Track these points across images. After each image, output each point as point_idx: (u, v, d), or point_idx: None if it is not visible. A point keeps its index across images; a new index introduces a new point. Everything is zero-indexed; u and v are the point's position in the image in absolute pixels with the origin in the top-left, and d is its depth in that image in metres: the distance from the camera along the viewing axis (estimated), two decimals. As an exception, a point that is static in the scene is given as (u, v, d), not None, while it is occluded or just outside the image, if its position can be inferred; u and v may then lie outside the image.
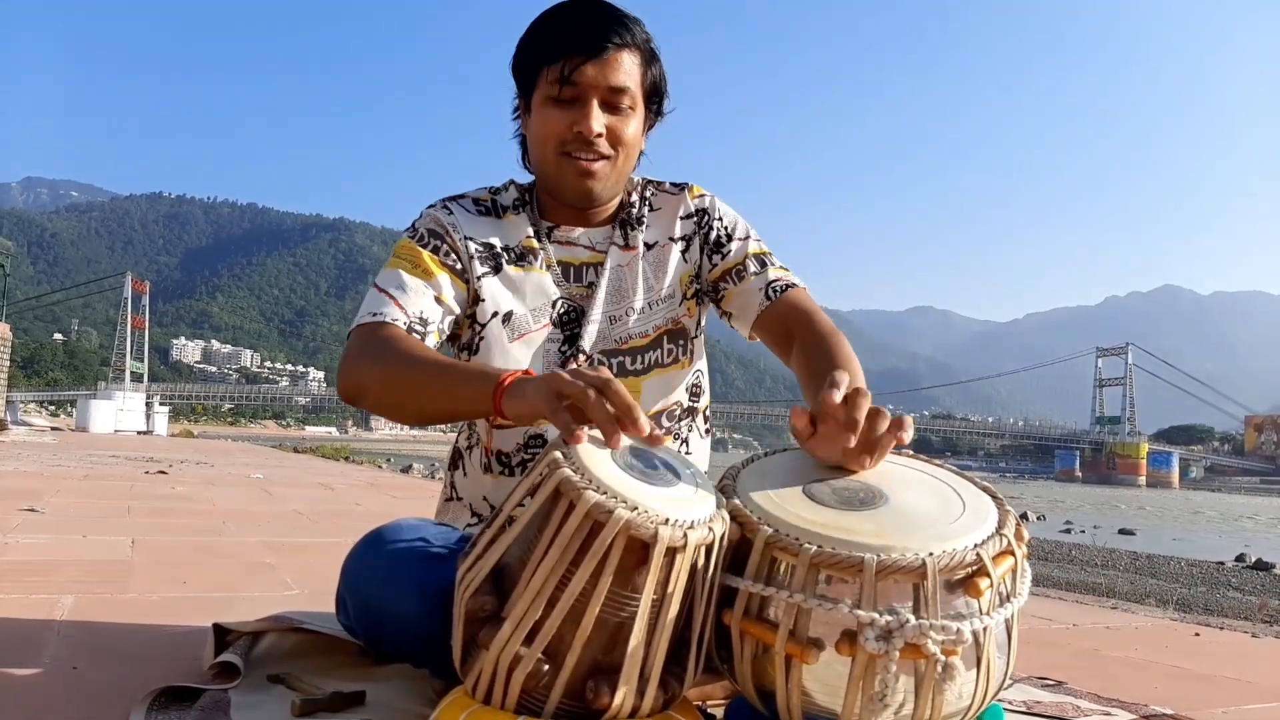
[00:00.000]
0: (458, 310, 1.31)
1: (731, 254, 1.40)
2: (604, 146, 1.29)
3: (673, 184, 1.44)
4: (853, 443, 0.98)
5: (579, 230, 1.38)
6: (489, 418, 1.28)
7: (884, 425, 0.99)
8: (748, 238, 1.42)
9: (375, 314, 1.24)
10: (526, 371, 1.05)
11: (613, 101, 1.28)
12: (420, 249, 1.30)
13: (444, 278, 1.29)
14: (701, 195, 1.43)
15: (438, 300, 1.28)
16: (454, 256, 1.31)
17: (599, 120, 1.27)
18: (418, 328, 1.24)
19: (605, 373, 0.97)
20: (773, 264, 1.40)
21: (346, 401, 1.22)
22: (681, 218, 1.41)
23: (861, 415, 0.98)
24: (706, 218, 1.42)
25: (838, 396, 0.99)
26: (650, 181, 1.44)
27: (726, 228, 1.42)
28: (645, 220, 1.40)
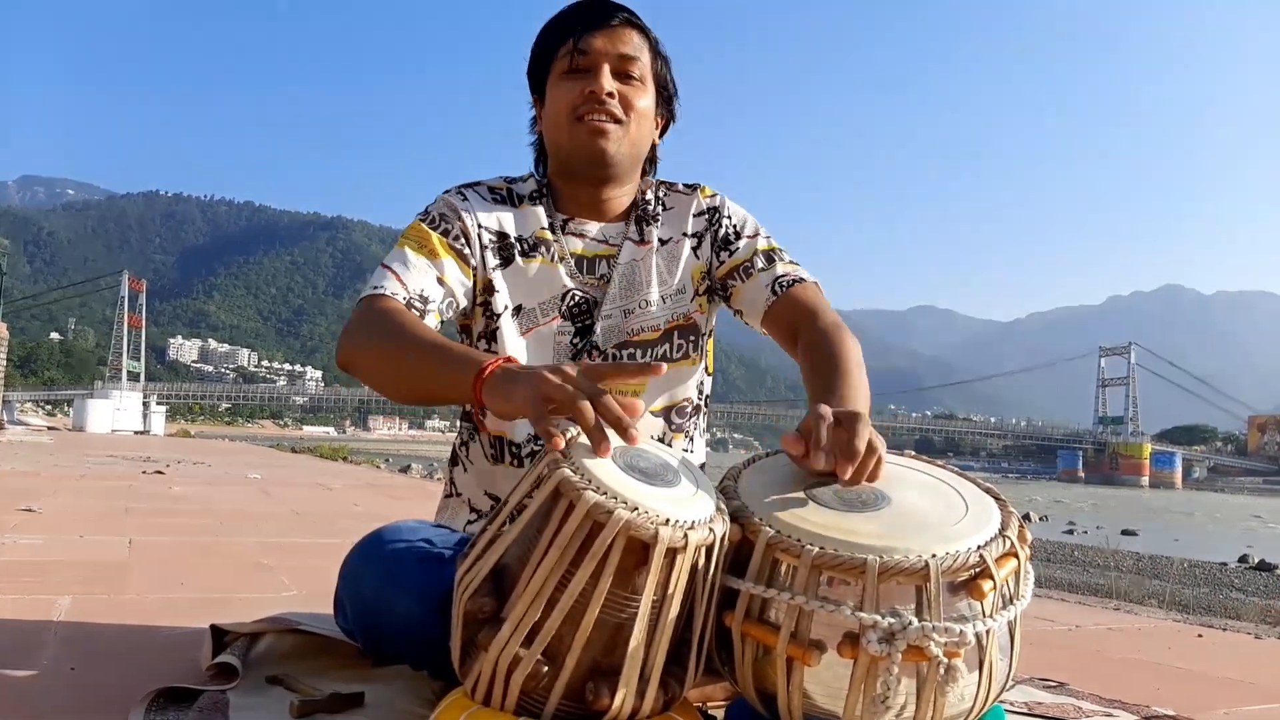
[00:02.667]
0: (459, 295, 1.30)
1: (740, 250, 1.41)
2: (615, 108, 1.31)
3: (685, 185, 1.47)
4: (849, 474, 0.97)
5: (593, 224, 1.39)
6: (472, 407, 1.28)
7: (871, 463, 0.98)
8: (756, 235, 1.43)
9: (376, 287, 1.25)
10: (509, 359, 1.05)
11: (623, 70, 1.32)
12: (430, 231, 1.31)
13: (449, 261, 1.29)
14: (713, 195, 1.45)
15: (440, 281, 1.28)
16: (463, 241, 1.32)
17: (609, 81, 1.30)
18: (417, 304, 1.24)
19: (596, 376, 0.96)
20: (781, 259, 1.41)
21: (341, 369, 1.22)
22: (694, 215, 1.43)
23: (861, 445, 0.97)
24: (717, 215, 1.43)
25: (827, 431, 0.97)
26: (663, 182, 1.46)
27: (735, 226, 1.43)
28: (660, 218, 1.42)
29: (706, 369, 1.44)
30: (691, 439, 1.41)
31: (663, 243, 1.40)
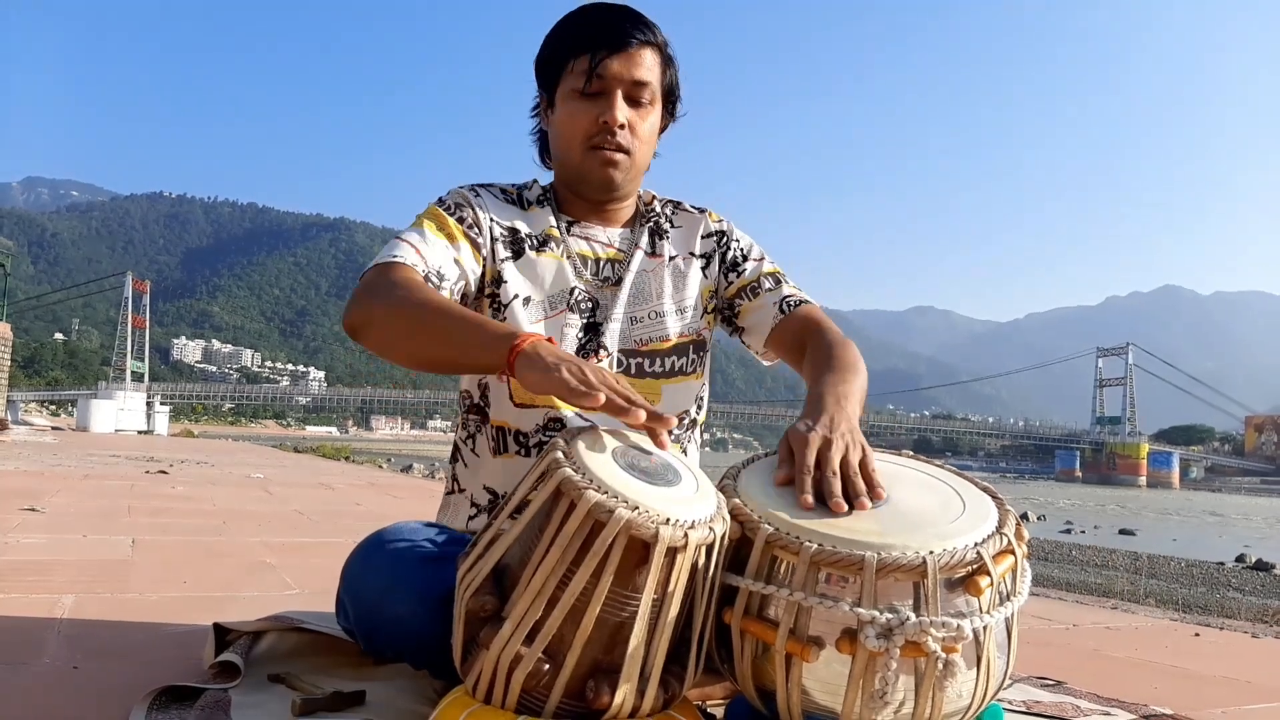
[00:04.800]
0: (471, 281, 1.32)
1: (747, 272, 1.46)
2: (626, 138, 1.32)
3: (693, 205, 1.50)
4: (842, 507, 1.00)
5: (598, 227, 1.41)
6: (500, 375, 1.30)
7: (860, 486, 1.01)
8: (762, 259, 1.48)
9: (393, 255, 1.24)
10: (548, 337, 1.07)
11: (635, 95, 1.32)
12: (446, 215, 1.32)
13: (464, 245, 1.31)
14: (720, 220, 1.49)
15: (456, 262, 1.29)
16: (477, 230, 1.34)
17: (623, 111, 1.31)
18: (434, 279, 1.25)
19: (628, 387, 1.02)
20: (786, 282, 1.46)
21: (349, 335, 1.20)
22: (702, 236, 1.47)
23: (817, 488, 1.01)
24: (725, 239, 1.48)
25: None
26: (672, 201, 1.49)
27: (743, 249, 1.48)
28: (669, 235, 1.45)
29: (705, 384, 1.47)
30: (685, 451, 1.42)
31: (671, 259, 1.44)
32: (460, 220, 1.32)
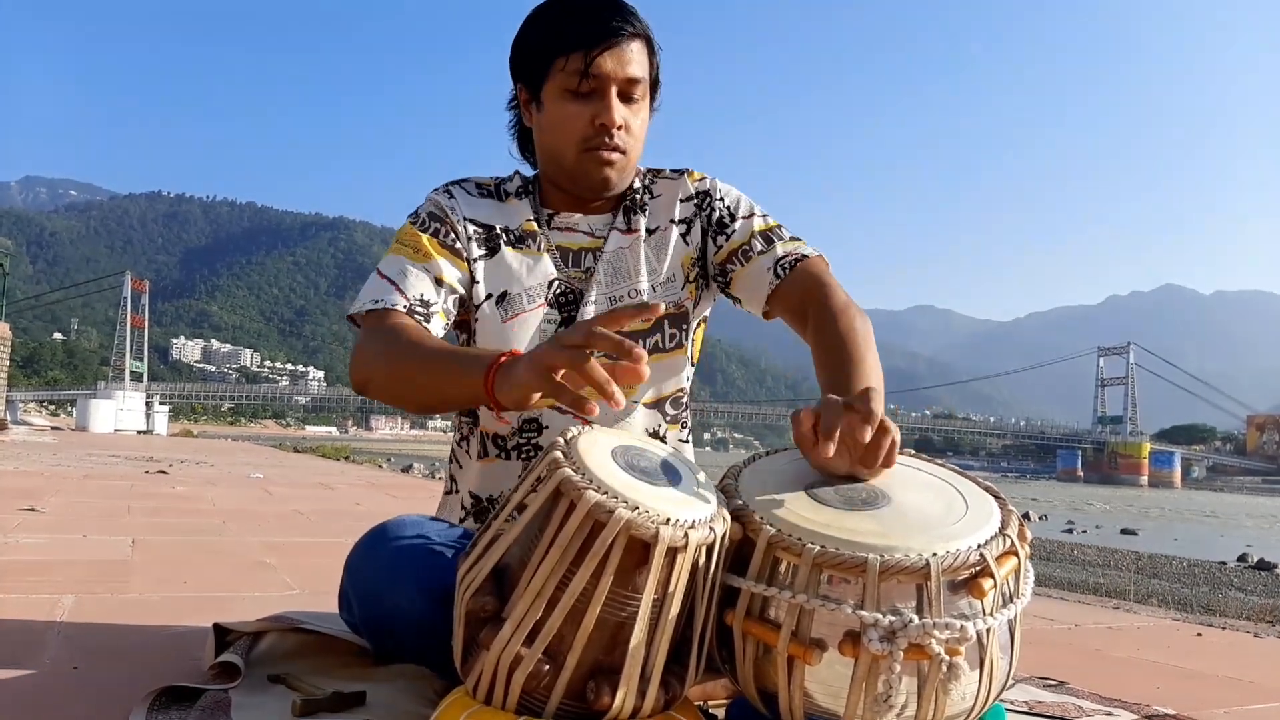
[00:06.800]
0: (459, 289, 1.32)
1: (736, 233, 1.38)
2: (622, 137, 1.30)
3: (673, 170, 1.44)
4: (861, 460, 0.97)
5: (579, 217, 1.39)
6: (489, 407, 1.29)
7: (886, 443, 0.97)
8: (752, 215, 1.40)
9: (378, 301, 1.26)
10: (514, 352, 1.04)
11: (628, 92, 1.29)
12: (420, 233, 1.32)
13: (442, 260, 1.30)
14: (702, 179, 1.42)
15: (437, 281, 1.29)
16: (453, 237, 1.33)
17: (619, 111, 1.28)
18: (419, 309, 1.26)
19: (587, 331, 0.92)
20: (781, 239, 1.37)
21: (357, 391, 1.23)
22: (681, 200, 1.41)
23: (866, 438, 0.95)
24: (708, 200, 1.41)
25: (861, 429, 0.96)
26: (651, 170, 1.44)
27: (729, 207, 1.40)
28: (647, 207, 1.40)
29: (691, 359, 1.42)
30: (690, 429, 1.41)
31: (650, 232, 1.38)
32: (435, 234, 1.32)
